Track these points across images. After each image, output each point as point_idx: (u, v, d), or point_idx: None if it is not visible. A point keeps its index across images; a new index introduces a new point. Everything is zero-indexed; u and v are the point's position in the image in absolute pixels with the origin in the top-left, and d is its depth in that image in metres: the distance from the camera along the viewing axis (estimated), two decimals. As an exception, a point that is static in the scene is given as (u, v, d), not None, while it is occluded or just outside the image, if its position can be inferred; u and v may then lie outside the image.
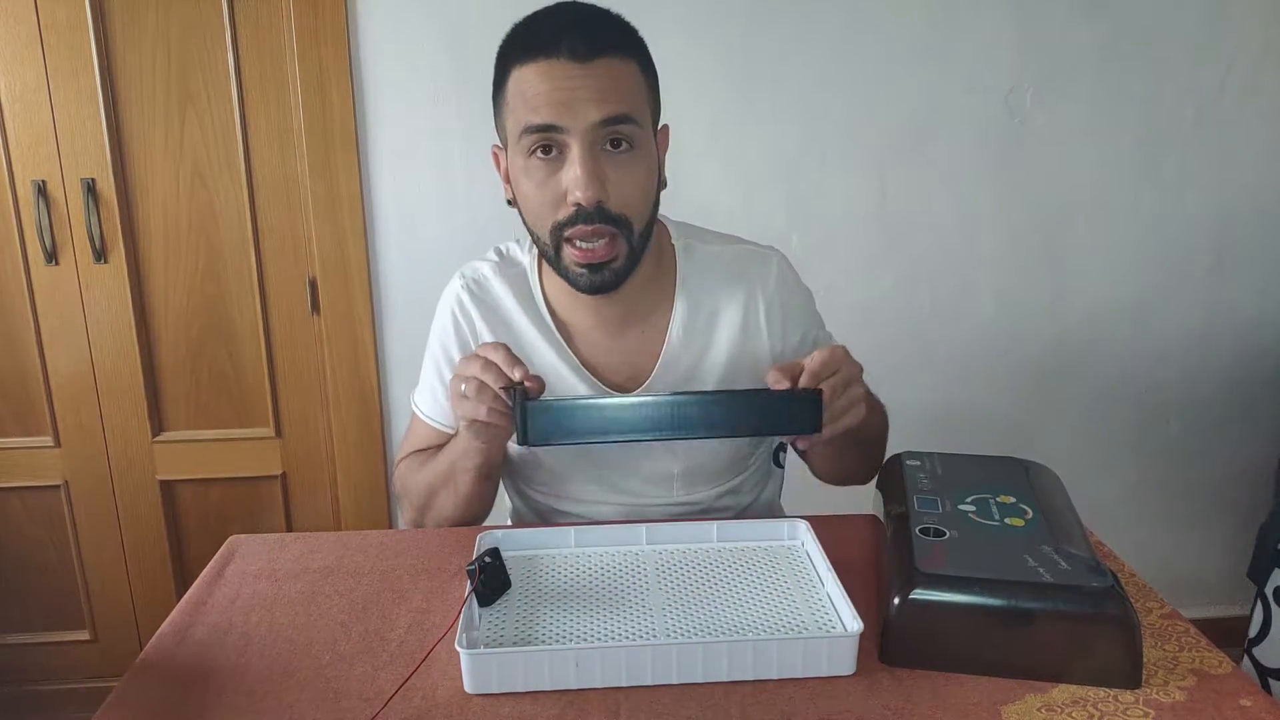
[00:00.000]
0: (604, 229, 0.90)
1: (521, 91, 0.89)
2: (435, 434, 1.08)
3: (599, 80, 0.88)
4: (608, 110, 0.88)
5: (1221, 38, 1.79)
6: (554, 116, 0.87)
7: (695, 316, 1.03)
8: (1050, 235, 1.88)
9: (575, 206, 0.89)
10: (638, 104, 0.92)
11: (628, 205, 0.91)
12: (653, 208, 0.96)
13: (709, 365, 1.04)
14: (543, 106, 0.87)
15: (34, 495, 1.90)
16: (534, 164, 0.91)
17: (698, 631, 0.81)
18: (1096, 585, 0.74)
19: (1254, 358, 1.99)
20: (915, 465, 0.98)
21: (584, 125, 0.87)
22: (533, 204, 0.92)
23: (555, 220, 0.91)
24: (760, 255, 1.07)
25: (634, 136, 0.91)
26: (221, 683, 0.77)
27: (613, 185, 0.90)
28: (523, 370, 0.86)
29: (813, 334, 1.10)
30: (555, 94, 0.87)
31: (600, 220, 0.90)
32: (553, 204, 0.91)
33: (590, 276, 0.93)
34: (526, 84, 0.89)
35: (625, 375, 1.03)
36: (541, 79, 0.88)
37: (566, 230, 0.91)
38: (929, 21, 1.75)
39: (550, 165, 0.90)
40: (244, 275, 1.81)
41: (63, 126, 1.70)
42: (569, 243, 0.92)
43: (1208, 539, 2.11)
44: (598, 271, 0.93)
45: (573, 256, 0.92)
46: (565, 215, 0.90)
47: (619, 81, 0.89)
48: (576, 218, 0.90)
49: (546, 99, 0.87)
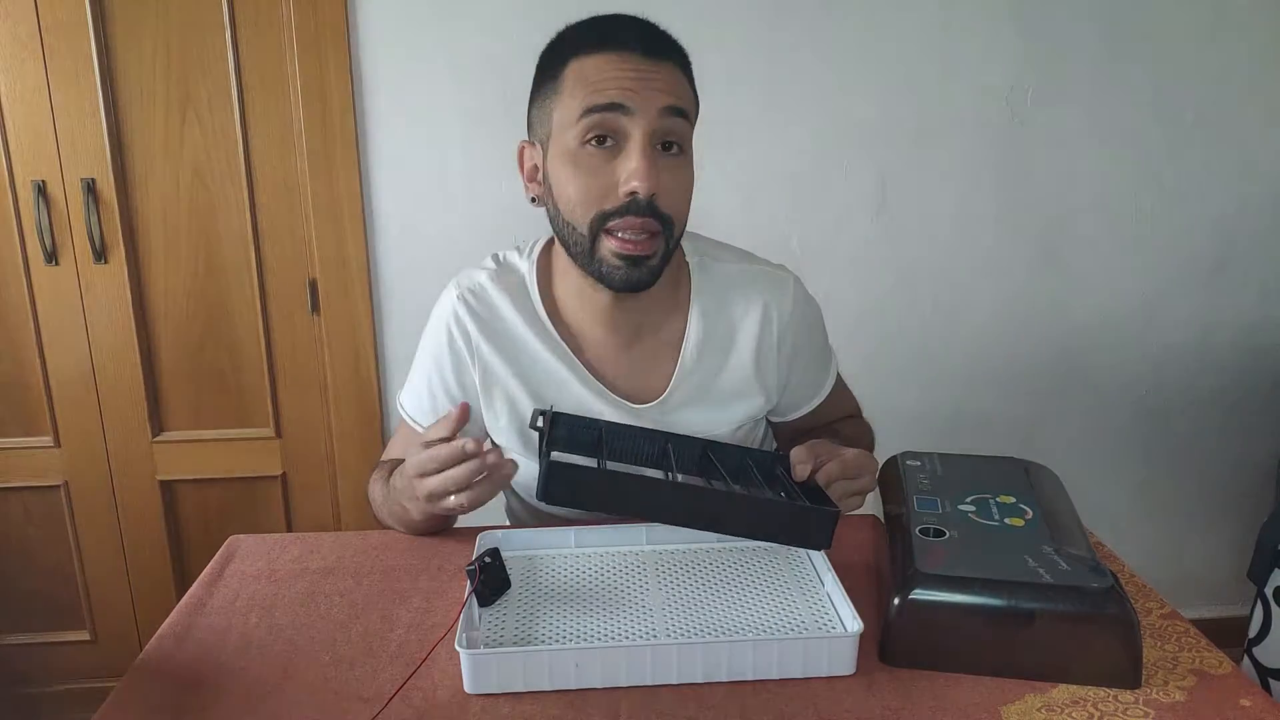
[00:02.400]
0: (652, 224, 0.90)
1: (584, 77, 0.89)
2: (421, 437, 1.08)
3: (665, 75, 0.90)
4: (673, 100, 0.89)
5: (1222, 38, 1.78)
6: (622, 97, 0.88)
7: (711, 334, 1.03)
8: (1051, 236, 1.88)
9: (629, 197, 0.89)
10: (693, 111, 0.94)
11: (674, 207, 0.92)
12: (687, 217, 0.97)
13: (723, 384, 1.04)
14: (610, 88, 0.88)
15: (34, 495, 1.90)
16: (587, 152, 0.90)
17: (698, 631, 0.81)
18: (1096, 585, 0.75)
19: (1255, 359, 1.99)
20: (915, 465, 0.98)
21: (650, 110, 0.88)
22: (576, 193, 0.91)
23: (602, 209, 0.90)
24: (777, 278, 1.07)
25: (685, 140, 0.92)
26: (221, 683, 0.77)
27: (664, 185, 0.90)
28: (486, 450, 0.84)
29: (819, 358, 1.12)
30: (623, 78, 0.88)
31: (651, 214, 0.90)
32: (601, 194, 0.90)
33: (628, 270, 0.92)
34: (591, 69, 0.89)
35: (634, 387, 1.03)
36: (610, 65, 0.89)
37: (613, 220, 0.90)
38: (930, 22, 1.74)
39: (604, 154, 0.90)
40: (244, 275, 1.81)
41: (63, 126, 1.70)
42: (610, 234, 0.91)
43: (1208, 539, 2.11)
44: (636, 266, 0.92)
45: (612, 248, 0.91)
46: (614, 205, 0.90)
47: (678, 82, 0.92)
48: (628, 209, 0.89)
49: (615, 82, 0.88)
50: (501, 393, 1.02)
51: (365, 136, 1.75)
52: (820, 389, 1.11)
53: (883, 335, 1.91)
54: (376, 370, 1.86)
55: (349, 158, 1.74)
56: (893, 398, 1.92)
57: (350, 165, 1.75)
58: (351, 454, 1.90)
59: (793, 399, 1.10)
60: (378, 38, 1.70)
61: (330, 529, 1.95)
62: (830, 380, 1.13)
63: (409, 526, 1.01)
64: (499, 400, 1.03)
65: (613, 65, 0.88)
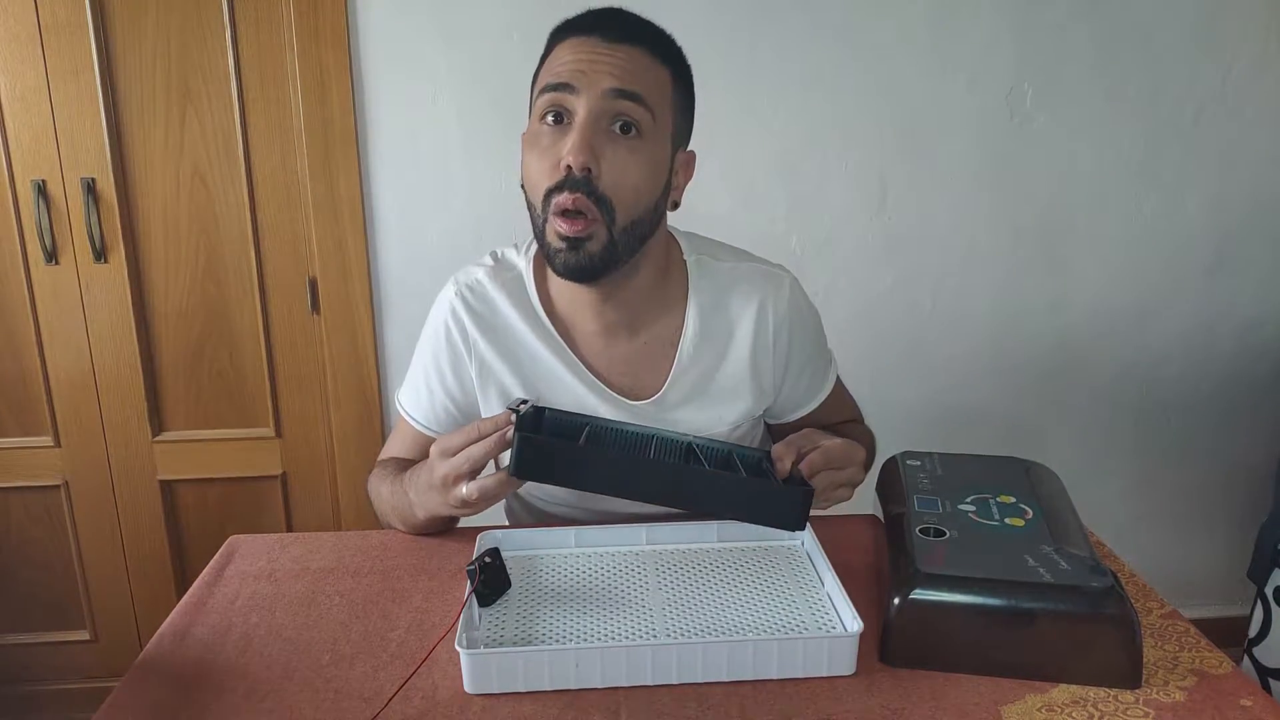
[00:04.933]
0: (583, 201, 0.89)
1: (550, 63, 0.94)
2: (418, 434, 1.08)
3: (621, 60, 0.91)
4: (619, 82, 0.90)
5: (1221, 38, 1.79)
6: (570, 77, 0.90)
7: (708, 332, 1.03)
8: (1050, 235, 1.88)
9: (566, 171, 0.89)
10: (656, 99, 0.92)
11: (616, 189, 0.90)
12: (647, 209, 0.94)
13: (720, 382, 1.04)
14: (563, 70, 0.91)
15: (34, 495, 1.90)
16: (541, 130, 0.92)
17: (698, 631, 0.81)
18: (1096, 585, 0.75)
19: (1253, 357, 1.99)
20: (915, 465, 0.98)
21: (594, 89, 0.89)
22: (532, 172, 0.92)
23: (547, 187, 0.90)
24: (774, 276, 1.06)
25: (643, 124, 0.91)
26: (221, 683, 0.77)
27: (607, 162, 0.89)
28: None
29: (816, 360, 1.11)
30: (577, 62, 0.91)
31: (583, 191, 0.89)
32: (550, 170, 0.90)
33: (567, 254, 0.91)
34: (556, 56, 0.93)
35: (630, 382, 1.03)
36: (570, 49, 0.92)
37: (554, 197, 0.90)
38: (929, 22, 1.74)
39: (555, 133, 0.91)
40: (244, 275, 1.81)
41: (63, 126, 1.70)
42: (556, 216, 0.90)
43: (1208, 539, 2.11)
44: (575, 250, 0.91)
45: (556, 228, 0.91)
46: (555, 181, 0.90)
47: (640, 67, 0.91)
48: (564, 184, 0.89)
49: (570, 66, 0.91)
50: (498, 389, 1.02)
51: (365, 136, 1.75)
52: (818, 392, 1.11)
53: (882, 334, 1.91)
54: (376, 370, 1.86)
55: (349, 158, 1.74)
56: (892, 397, 1.92)
57: (350, 165, 1.75)
58: (351, 454, 1.90)
59: (789, 400, 1.10)
60: (378, 38, 1.70)
61: (330, 529, 1.95)
62: (829, 383, 1.13)
63: (412, 525, 1.01)
64: (496, 396, 1.03)
65: (572, 49, 0.92)
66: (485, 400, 1.04)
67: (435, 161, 1.76)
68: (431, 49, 1.71)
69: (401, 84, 1.72)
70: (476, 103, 1.73)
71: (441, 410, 1.05)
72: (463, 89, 1.73)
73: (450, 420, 1.06)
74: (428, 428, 1.06)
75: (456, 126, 1.74)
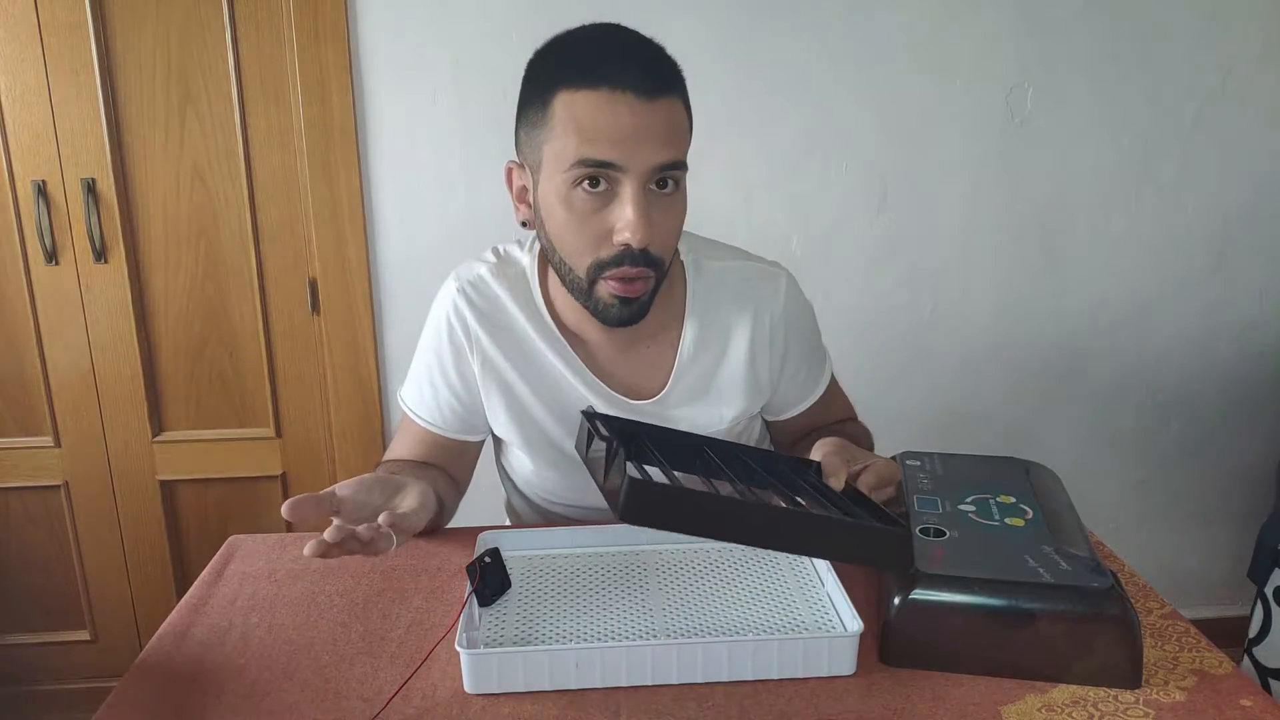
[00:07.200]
0: (646, 271, 0.90)
1: (575, 118, 0.85)
2: (423, 432, 1.07)
3: (661, 122, 0.86)
4: (668, 155, 0.87)
5: (1221, 38, 1.78)
6: (615, 155, 0.84)
7: (706, 333, 1.03)
8: (1050, 235, 1.88)
9: (623, 247, 0.87)
10: (687, 146, 0.92)
11: (665, 248, 0.92)
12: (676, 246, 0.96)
13: (719, 380, 1.04)
14: (602, 141, 0.84)
15: (34, 495, 1.90)
16: (579, 195, 0.87)
17: (698, 631, 0.81)
18: (1096, 585, 0.75)
19: (1254, 358, 1.98)
20: (915, 465, 0.98)
21: (644, 168, 0.86)
22: (571, 236, 0.90)
23: (598, 258, 0.89)
24: (769, 274, 1.07)
25: (680, 179, 0.91)
26: (221, 683, 0.77)
27: (657, 228, 0.88)
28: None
29: (811, 356, 1.11)
30: (617, 130, 0.84)
31: (645, 264, 0.89)
32: (595, 240, 0.89)
33: (622, 310, 0.92)
34: (583, 112, 0.85)
35: (633, 385, 1.03)
36: (602, 111, 0.84)
37: (609, 270, 0.89)
38: (929, 21, 1.74)
39: (597, 200, 0.87)
40: (244, 275, 1.81)
41: (63, 126, 1.70)
42: (606, 279, 0.90)
43: (1208, 539, 2.11)
44: (628, 305, 0.92)
45: (610, 289, 0.90)
46: (609, 255, 0.88)
47: (677, 124, 0.89)
48: (623, 258, 0.88)
49: (609, 134, 0.84)
50: (500, 385, 1.02)
51: (365, 136, 1.75)
52: (814, 388, 1.11)
53: (882, 335, 1.91)
54: (376, 370, 1.86)
55: (349, 158, 1.74)
56: (893, 397, 1.92)
57: (350, 165, 1.75)
58: (351, 454, 1.90)
59: (786, 396, 1.10)
60: (378, 38, 1.70)
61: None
62: (824, 380, 1.13)
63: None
64: (497, 393, 1.03)
65: (606, 110, 0.84)
66: (488, 397, 1.03)
67: (435, 161, 1.76)
68: (431, 49, 1.71)
69: (401, 84, 1.72)
70: (476, 103, 1.73)
71: (446, 407, 1.05)
72: (463, 89, 1.73)
73: (454, 416, 1.05)
74: (433, 425, 1.06)
75: (456, 126, 1.74)
